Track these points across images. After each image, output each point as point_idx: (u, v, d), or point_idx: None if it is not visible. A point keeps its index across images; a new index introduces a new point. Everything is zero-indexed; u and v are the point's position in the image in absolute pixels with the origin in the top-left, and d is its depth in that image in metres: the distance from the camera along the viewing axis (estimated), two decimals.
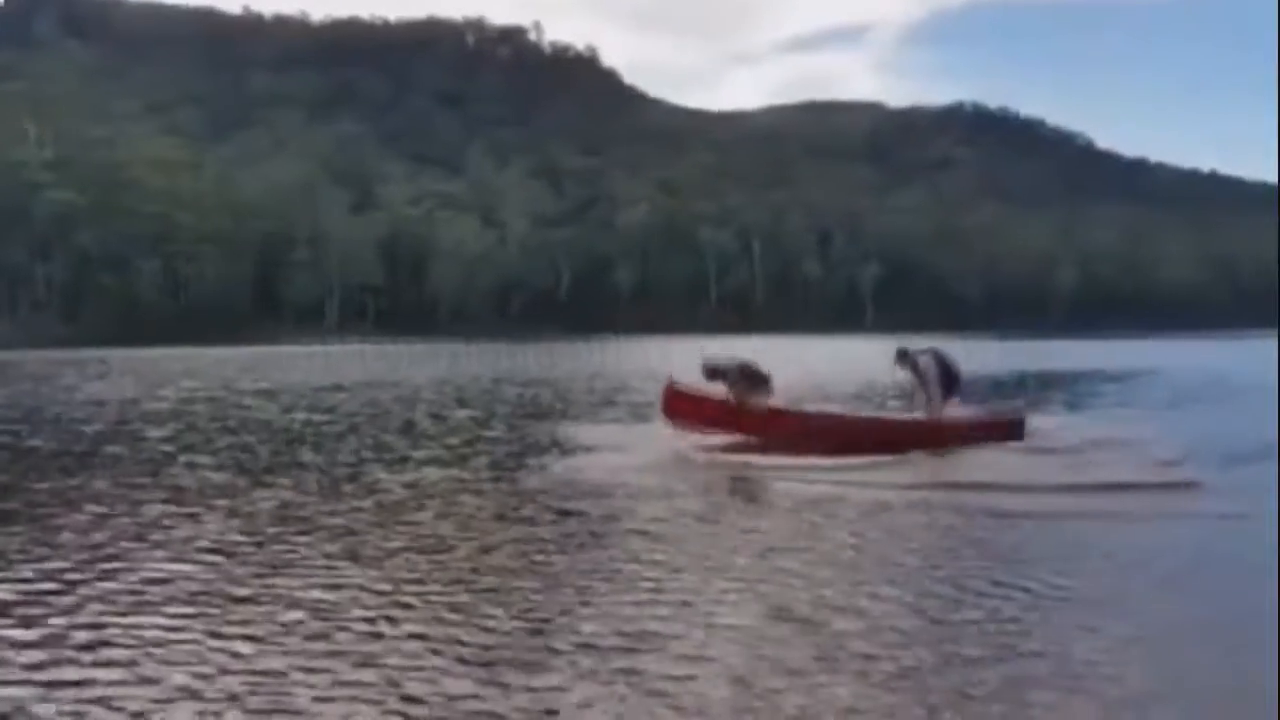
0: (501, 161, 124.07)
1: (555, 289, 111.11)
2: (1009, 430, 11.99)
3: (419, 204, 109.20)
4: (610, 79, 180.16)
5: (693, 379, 12.26)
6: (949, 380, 12.13)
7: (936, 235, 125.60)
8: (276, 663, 4.38)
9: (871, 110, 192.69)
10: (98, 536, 6.94)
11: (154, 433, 13.91)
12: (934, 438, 11.50)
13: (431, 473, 9.79)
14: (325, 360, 42.93)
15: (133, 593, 5.61)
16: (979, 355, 43.60)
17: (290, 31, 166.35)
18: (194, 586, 5.60)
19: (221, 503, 8.21)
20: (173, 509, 8.04)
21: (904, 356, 12.20)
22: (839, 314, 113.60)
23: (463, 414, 16.55)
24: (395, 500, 8.46)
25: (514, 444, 12.34)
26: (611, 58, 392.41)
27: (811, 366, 31.76)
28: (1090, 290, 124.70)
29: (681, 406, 12.12)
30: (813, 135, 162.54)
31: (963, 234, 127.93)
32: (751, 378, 12.10)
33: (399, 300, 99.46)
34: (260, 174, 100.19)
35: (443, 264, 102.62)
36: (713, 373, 12.12)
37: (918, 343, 13.30)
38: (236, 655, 4.52)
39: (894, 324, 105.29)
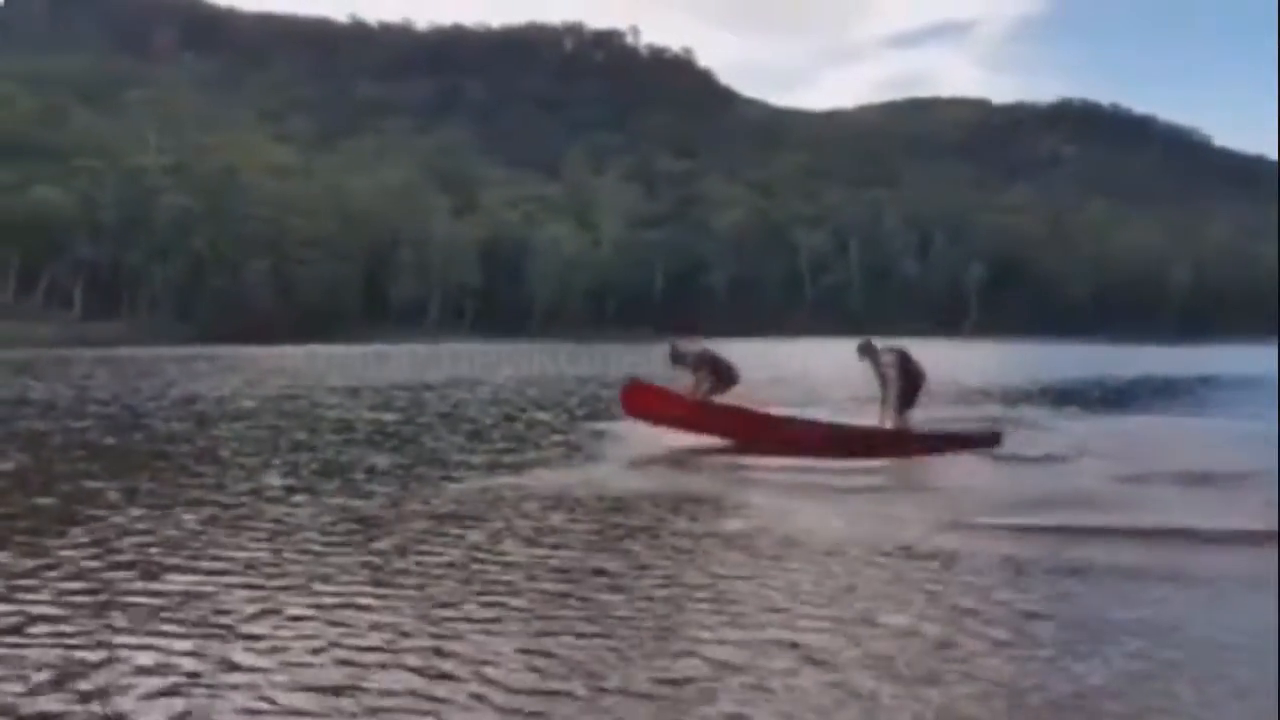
0: (598, 165, 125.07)
1: (649, 291, 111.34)
2: (984, 444, 11.46)
3: (517, 207, 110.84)
4: (706, 80, 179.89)
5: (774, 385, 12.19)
6: (911, 388, 11.61)
7: (1043, 235, 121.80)
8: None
9: (975, 107, 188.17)
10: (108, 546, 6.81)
11: (229, 430, 14.36)
12: (901, 448, 11.10)
13: (482, 481, 9.60)
14: (421, 359, 43.85)
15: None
16: (1090, 361, 42.32)
17: (396, 40, 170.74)
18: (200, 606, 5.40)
19: (270, 509, 8.21)
20: (211, 514, 8.20)
21: (867, 350, 11.78)
22: (939, 316, 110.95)
23: (541, 415, 16.64)
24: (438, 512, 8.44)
25: (579, 449, 12.30)
26: (708, 58, 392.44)
27: None
28: (1204, 292, 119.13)
29: (644, 404, 12.09)
30: (913, 133, 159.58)
31: (1071, 234, 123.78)
32: (712, 364, 11.95)
33: (496, 301, 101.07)
34: (367, 179, 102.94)
35: (539, 266, 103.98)
36: (676, 358, 12.12)
37: (1023, 350, 13.03)
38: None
39: (998, 327, 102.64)
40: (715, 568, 6.32)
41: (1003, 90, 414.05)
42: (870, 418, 12.14)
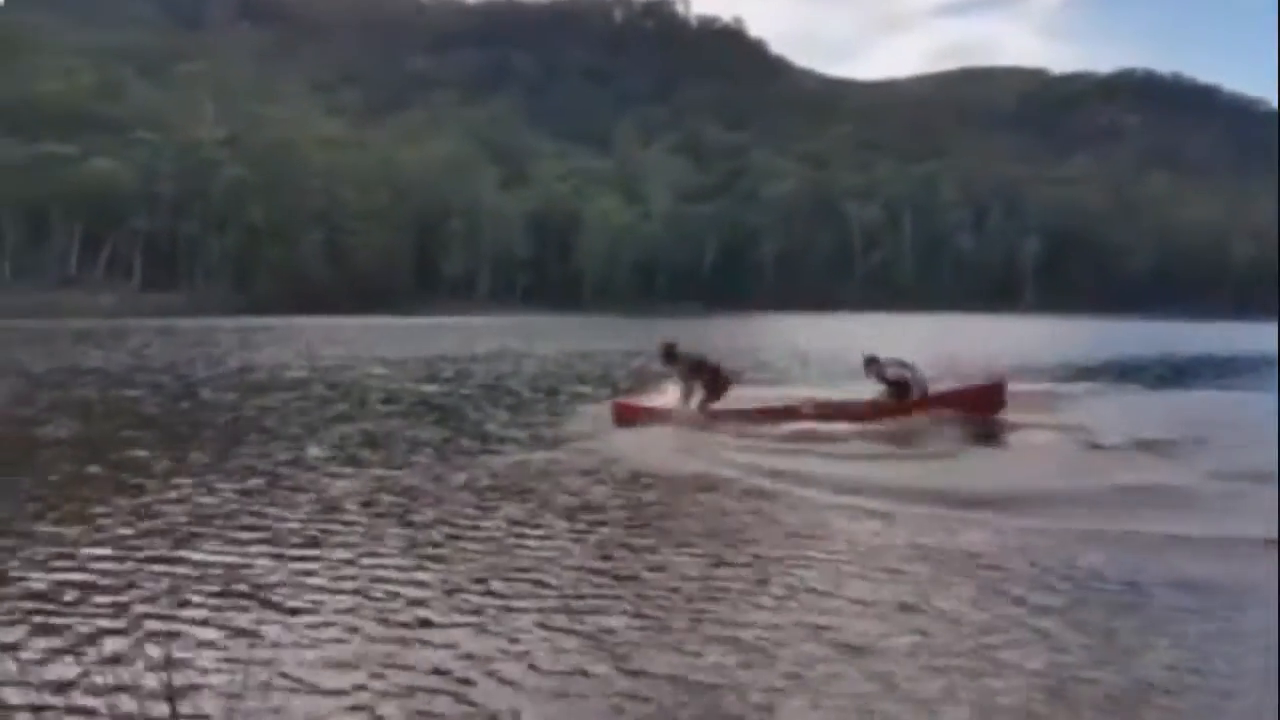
0: (647, 137, 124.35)
1: (698, 264, 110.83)
2: (991, 401, 11.66)
3: (566, 180, 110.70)
4: (757, 50, 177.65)
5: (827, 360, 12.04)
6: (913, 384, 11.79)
7: (1102, 208, 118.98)
8: None
9: (1033, 77, 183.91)
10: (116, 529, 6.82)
11: (276, 401, 14.54)
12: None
13: (522, 455, 9.63)
14: (471, 332, 44.11)
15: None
16: (1151, 337, 41.40)
17: (446, 13, 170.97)
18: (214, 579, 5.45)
19: (312, 481, 8.29)
20: (253, 485, 8.29)
21: (872, 364, 11.90)
22: (994, 291, 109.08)
23: (585, 389, 16.63)
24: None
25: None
26: (759, 28, 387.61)
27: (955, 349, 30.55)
28: (1268, 267, 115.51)
29: (633, 418, 11.77)
30: (968, 104, 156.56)
31: (1131, 207, 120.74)
32: (704, 373, 11.70)
33: (546, 274, 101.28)
34: (418, 152, 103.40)
35: (588, 239, 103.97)
36: (669, 355, 11.97)
37: (1081, 326, 12.90)
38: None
39: (1055, 303, 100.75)
40: (758, 549, 6.24)
41: (1061, 59, 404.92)
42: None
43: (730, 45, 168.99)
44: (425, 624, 4.72)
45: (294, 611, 4.89)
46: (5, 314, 59.40)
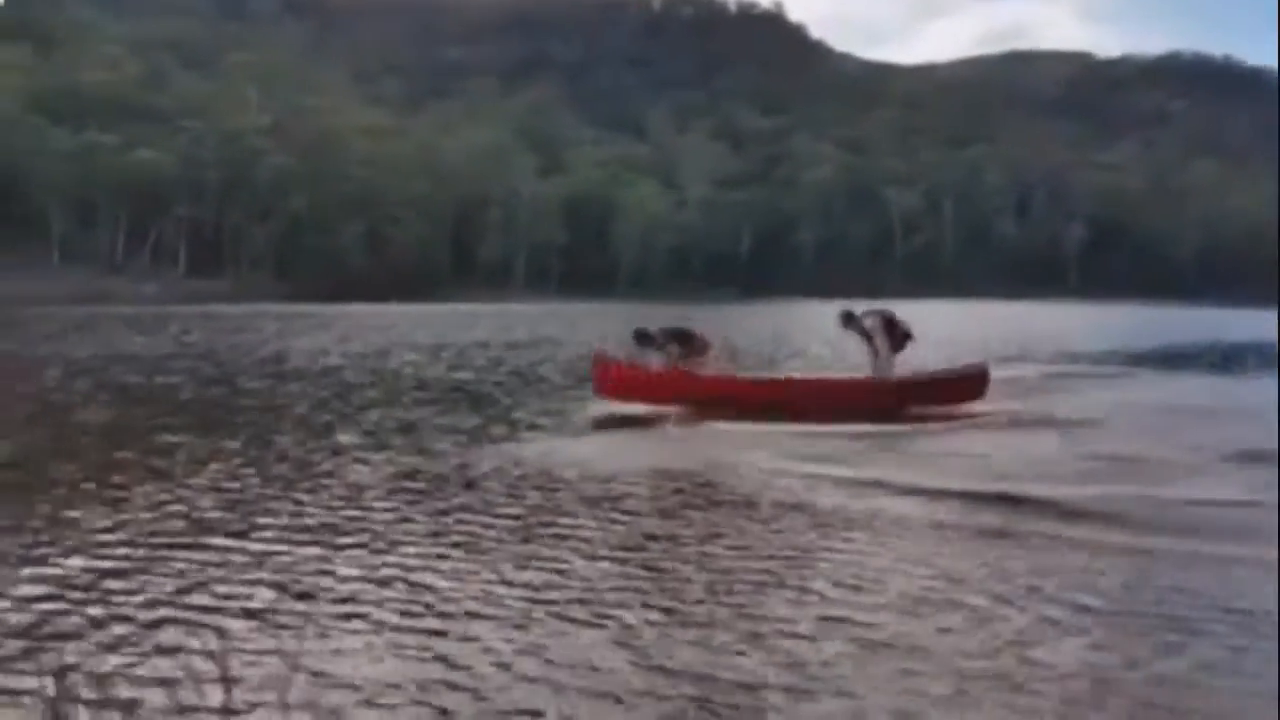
0: (684, 123, 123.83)
1: (735, 250, 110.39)
2: (970, 388, 11.62)
3: (603, 167, 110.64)
4: (796, 34, 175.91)
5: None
6: (896, 338, 11.79)
7: (1148, 194, 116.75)
8: None
9: (1077, 60, 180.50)
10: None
11: (311, 387, 14.72)
12: (887, 399, 11.25)
13: (551, 441, 9.69)
14: (507, 319, 44.27)
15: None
16: (1198, 324, 40.61)
17: (486, 2, 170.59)
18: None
19: (342, 468, 8.38)
20: (282, 472, 8.38)
21: (850, 319, 11.97)
22: (1037, 277, 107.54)
23: None
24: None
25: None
26: (798, 13, 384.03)
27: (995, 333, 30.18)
28: None
29: (613, 379, 12.05)
30: (1011, 88, 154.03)
31: (1177, 193, 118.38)
32: (681, 339, 12.05)
33: (582, 261, 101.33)
34: (457, 140, 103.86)
35: (624, 226, 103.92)
36: (641, 338, 12.21)
37: (1127, 313, 12.81)
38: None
39: (1099, 289, 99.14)
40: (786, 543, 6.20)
41: (1106, 43, 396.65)
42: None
43: (769, 30, 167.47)
44: (444, 615, 4.69)
45: (303, 596, 4.92)
46: (54, 300, 60.62)
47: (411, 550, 5.78)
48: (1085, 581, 5.21)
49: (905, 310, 12.81)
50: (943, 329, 34.95)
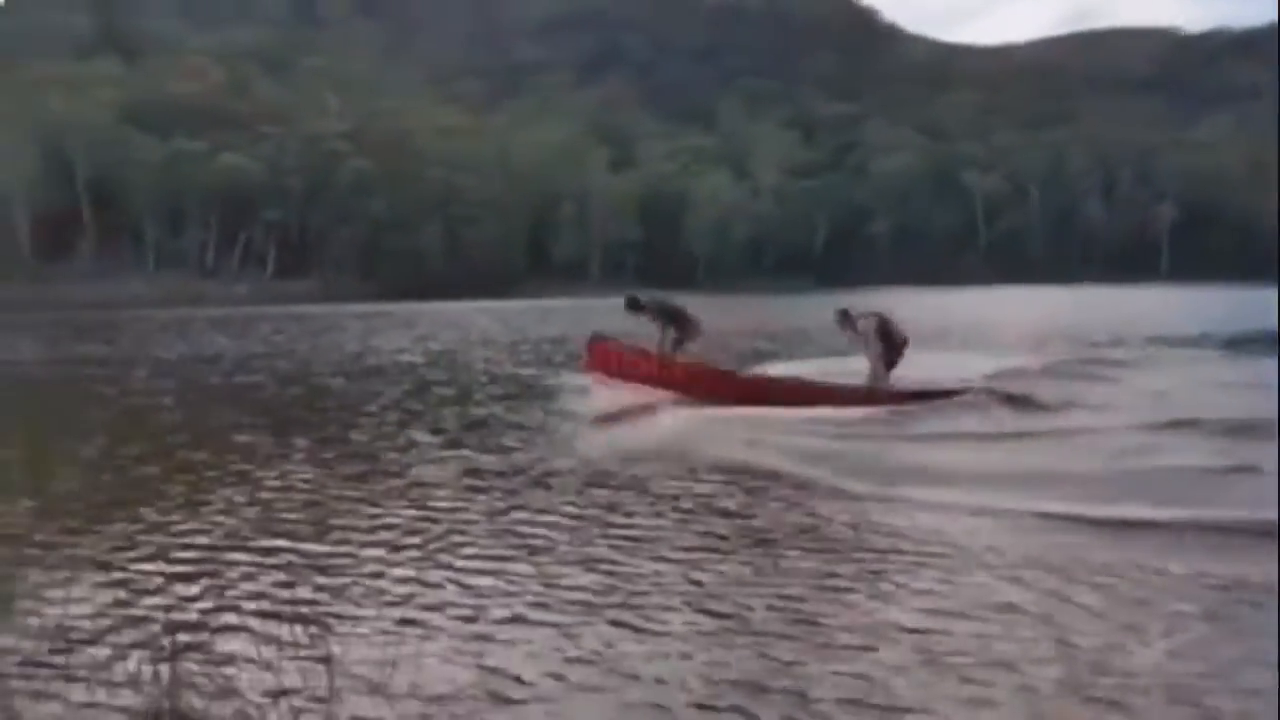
0: (755, 112, 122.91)
1: (810, 240, 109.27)
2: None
3: (675, 159, 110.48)
4: (868, 18, 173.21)
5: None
6: (891, 348, 11.24)
7: (1242, 172, 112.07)
8: None
9: (1164, 36, 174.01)
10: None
11: (386, 384, 14.96)
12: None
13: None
14: (580, 313, 44.45)
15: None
16: None
17: None
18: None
19: (414, 467, 8.45)
20: (356, 471, 8.49)
21: (845, 317, 11.52)
22: (1127, 261, 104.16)
23: None
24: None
25: None
26: None
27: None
28: None
29: (606, 361, 12.17)
30: (1095, 67, 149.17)
31: (1270, 170, 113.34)
32: (673, 316, 11.91)
33: (656, 254, 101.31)
34: (530, 138, 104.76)
35: (697, 218, 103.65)
36: (633, 304, 12.14)
37: (1215, 295, 12.41)
38: None
39: (1193, 272, 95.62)
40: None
41: (1195, 16, 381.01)
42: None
43: (840, 15, 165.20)
44: (518, 620, 4.65)
45: (357, 601, 4.98)
46: (150, 304, 63.06)
47: (472, 550, 5.82)
48: None
49: (990, 297, 12.55)
50: (1030, 317, 34.16)
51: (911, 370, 11.71)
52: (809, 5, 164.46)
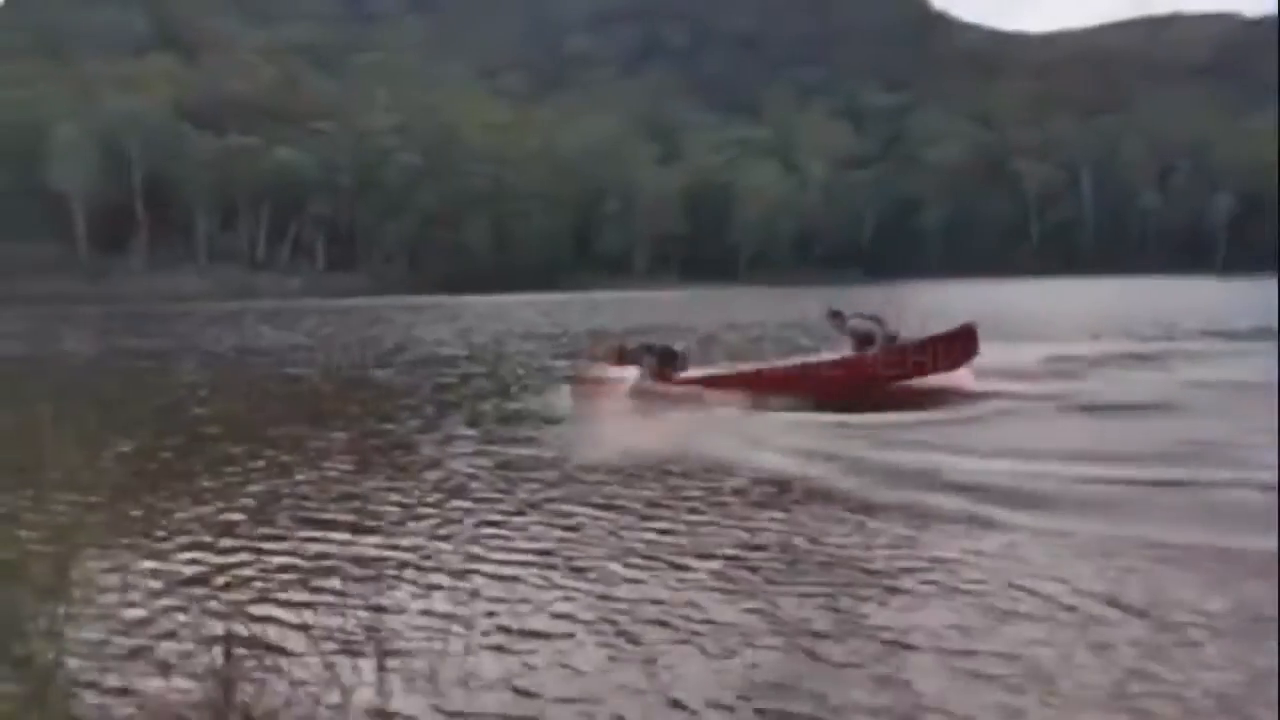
0: (802, 103, 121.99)
1: (859, 231, 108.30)
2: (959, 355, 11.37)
3: (721, 151, 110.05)
4: (917, 6, 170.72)
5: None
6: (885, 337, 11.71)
7: None
8: None
9: (1222, 22, 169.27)
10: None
11: (425, 376, 15.04)
12: (865, 381, 11.14)
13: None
14: (627, 306, 44.54)
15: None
16: None
17: None
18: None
19: (447, 459, 8.52)
20: (390, 463, 8.52)
21: (836, 316, 11.99)
22: (1184, 253, 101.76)
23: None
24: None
25: None
26: None
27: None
28: None
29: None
30: (1151, 54, 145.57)
31: None
32: (662, 357, 12.10)
33: (702, 247, 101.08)
34: (576, 131, 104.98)
35: (743, 210, 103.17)
36: (622, 356, 12.27)
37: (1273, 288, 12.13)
38: None
39: (1251, 264, 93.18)
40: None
41: (1255, 1, 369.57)
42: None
43: (889, 3, 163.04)
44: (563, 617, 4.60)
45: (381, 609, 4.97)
46: (202, 296, 64.31)
47: (501, 543, 5.80)
48: None
49: (1043, 289, 12.42)
50: (1081, 308, 33.52)
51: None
52: None
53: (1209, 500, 6.35)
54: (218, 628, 4.18)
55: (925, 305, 36.60)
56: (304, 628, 4.39)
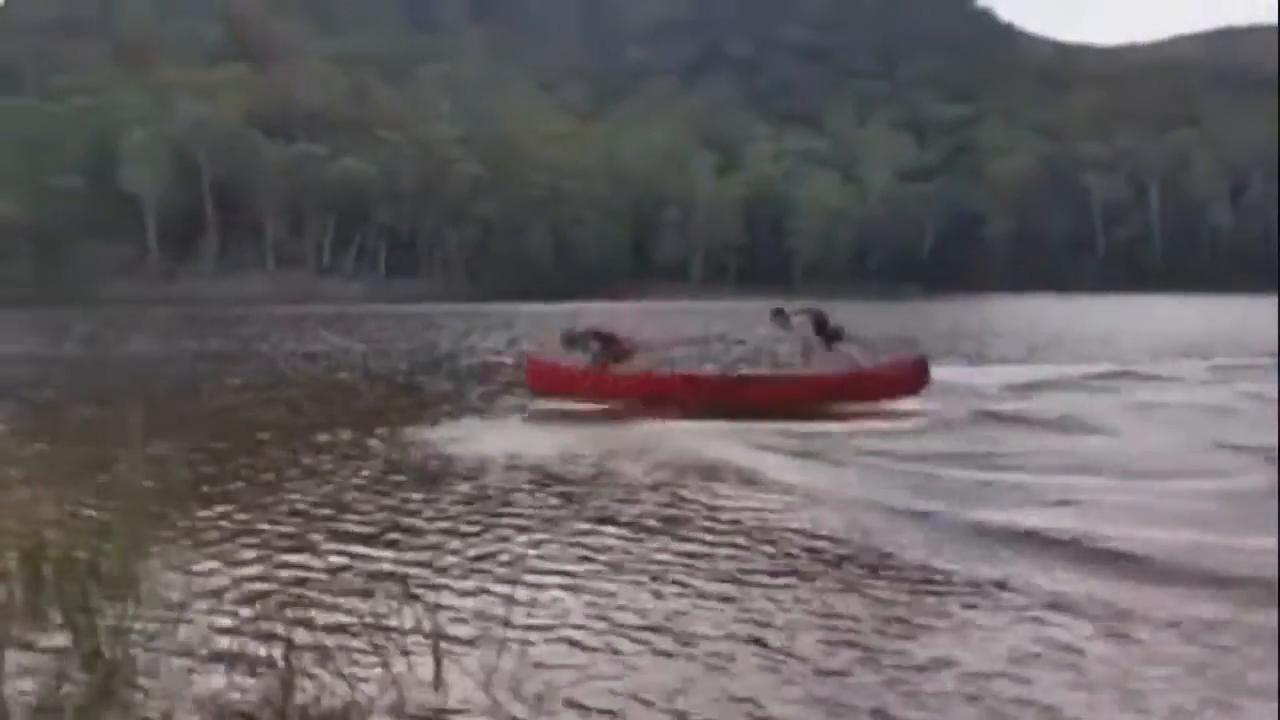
0: (864, 115, 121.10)
1: (919, 245, 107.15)
2: (909, 382, 11.74)
3: (780, 162, 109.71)
4: (984, 17, 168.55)
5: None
6: (827, 334, 12.12)
7: None
8: None
9: None
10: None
11: (466, 384, 15.35)
12: (818, 393, 11.49)
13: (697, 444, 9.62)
14: (678, 316, 44.54)
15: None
16: None
17: (665, 1, 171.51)
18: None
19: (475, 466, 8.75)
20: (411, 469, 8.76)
21: (779, 314, 12.40)
22: (1256, 269, 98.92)
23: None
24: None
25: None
26: None
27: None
28: None
29: (545, 377, 12.57)
30: (1223, 66, 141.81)
31: None
32: (607, 341, 12.38)
33: (758, 258, 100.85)
34: (636, 141, 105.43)
35: (802, 221, 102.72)
36: (570, 341, 12.55)
37: None
38: None
39: None
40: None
41: None
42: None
43: (955, 14, 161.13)
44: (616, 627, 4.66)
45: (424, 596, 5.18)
46: (268, 300, 65.68)
47: (534, 552, 5.95)
48: None
49: (1108, 306, 12.54)
50: (1145, 327, 32.89)
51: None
52: (924, 4, 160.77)
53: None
54: (277, 628, 4.23)
55: (974, 328, 36.24)
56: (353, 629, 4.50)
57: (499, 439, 9.82)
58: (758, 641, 4.42)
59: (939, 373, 12.85)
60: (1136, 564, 5.47)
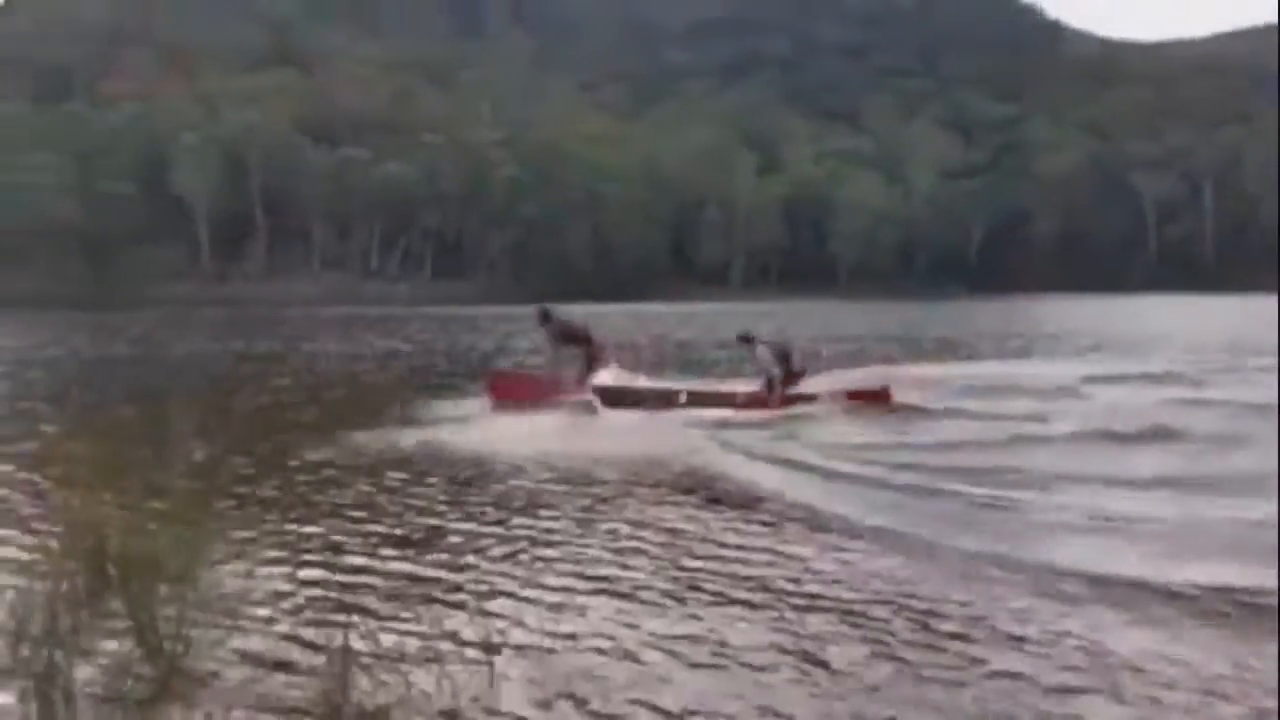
0: (907, 113, 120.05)
1: (964, 245, 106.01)
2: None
3: (821, 162, 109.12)
4: (1030, 14, 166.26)
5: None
6: (788, 369, 12.11)
7: None
8: None
9: None
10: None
11: None
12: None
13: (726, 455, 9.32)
14: (718, 318, 44.46)
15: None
16: None
17: (703, 1, 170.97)
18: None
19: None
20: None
21: (745, 341, 12.32)
22: None
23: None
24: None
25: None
26: None
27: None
28: None
29: (503, 388, 12.58)
30: (1267, 63, 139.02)
31: None
32: (564, 331, 12.59)
33: (800, 259, 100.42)
34: (675, 142, 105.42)
35: (844, 222, 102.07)
36: (544, 317, 12.72)
37: None
38: None
39: None
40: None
41: None
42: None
43: (999, 11, 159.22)
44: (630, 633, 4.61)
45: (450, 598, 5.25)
46: (315, 302, 66.63)
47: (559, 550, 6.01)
48: None
49: (1158, 305, 12.23)
50: (1195, 329, 32.28)
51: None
52: (963, 1, 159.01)
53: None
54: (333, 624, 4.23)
55: (1020, 330, 35.81)
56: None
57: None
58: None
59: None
60: None
